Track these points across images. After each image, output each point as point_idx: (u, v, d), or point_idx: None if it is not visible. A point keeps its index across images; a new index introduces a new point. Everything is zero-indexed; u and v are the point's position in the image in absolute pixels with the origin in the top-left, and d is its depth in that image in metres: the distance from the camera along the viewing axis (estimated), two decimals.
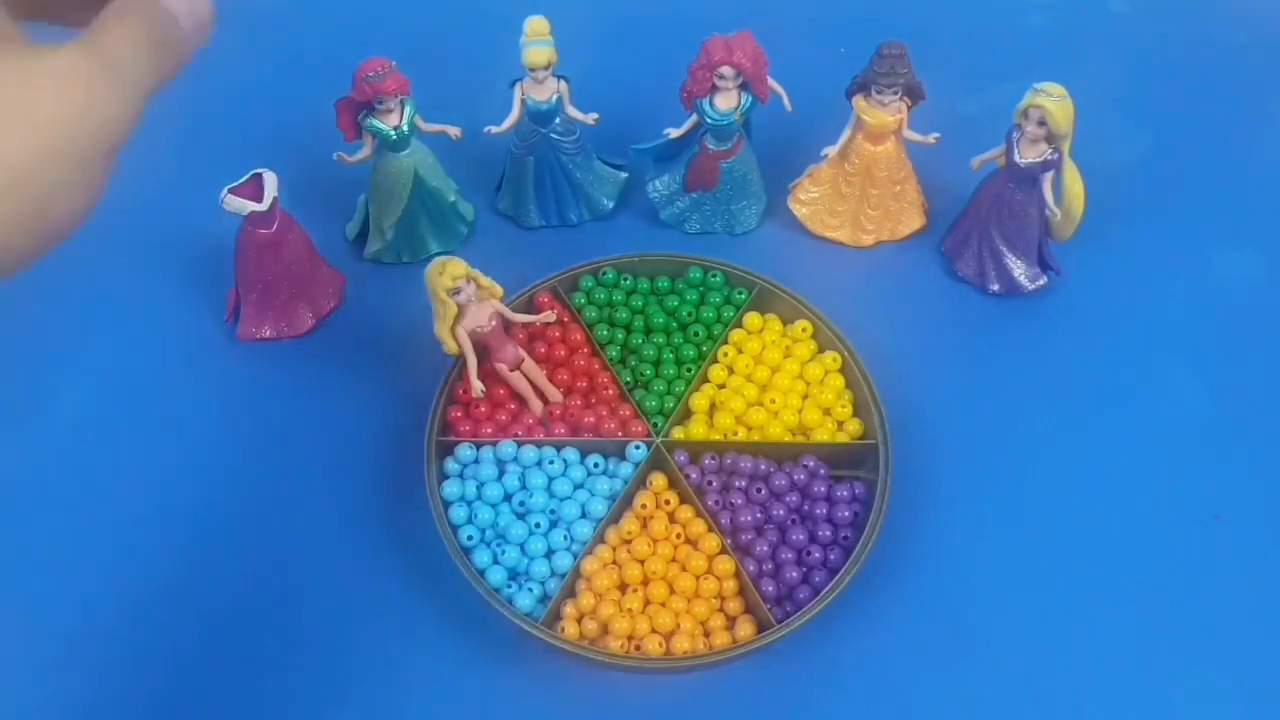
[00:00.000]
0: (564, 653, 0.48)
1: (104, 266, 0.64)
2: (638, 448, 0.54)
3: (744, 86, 0.58)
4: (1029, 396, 0.58)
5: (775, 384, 0.57)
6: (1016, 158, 0.57)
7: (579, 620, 0.50)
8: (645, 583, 0.51)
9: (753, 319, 0.59)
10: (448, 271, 0.51)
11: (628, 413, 0.56)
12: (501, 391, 0.56)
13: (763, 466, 0.54)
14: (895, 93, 0.58)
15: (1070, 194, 0.58)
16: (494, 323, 0.54)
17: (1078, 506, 0.54)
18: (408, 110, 0.58)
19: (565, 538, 0.52)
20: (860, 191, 0.63)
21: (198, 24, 0.30)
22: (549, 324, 0.58)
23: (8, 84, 0.26)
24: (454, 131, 0.60)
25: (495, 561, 0.51)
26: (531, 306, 0.59)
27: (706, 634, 0.50)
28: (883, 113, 0.59)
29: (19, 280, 0.37)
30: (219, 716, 0.49)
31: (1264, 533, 0.54)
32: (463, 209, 0.64)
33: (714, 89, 0.58)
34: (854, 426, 0.55)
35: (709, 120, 0.59)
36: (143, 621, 0.49)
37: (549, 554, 0.52)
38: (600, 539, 0.52)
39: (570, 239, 0.66)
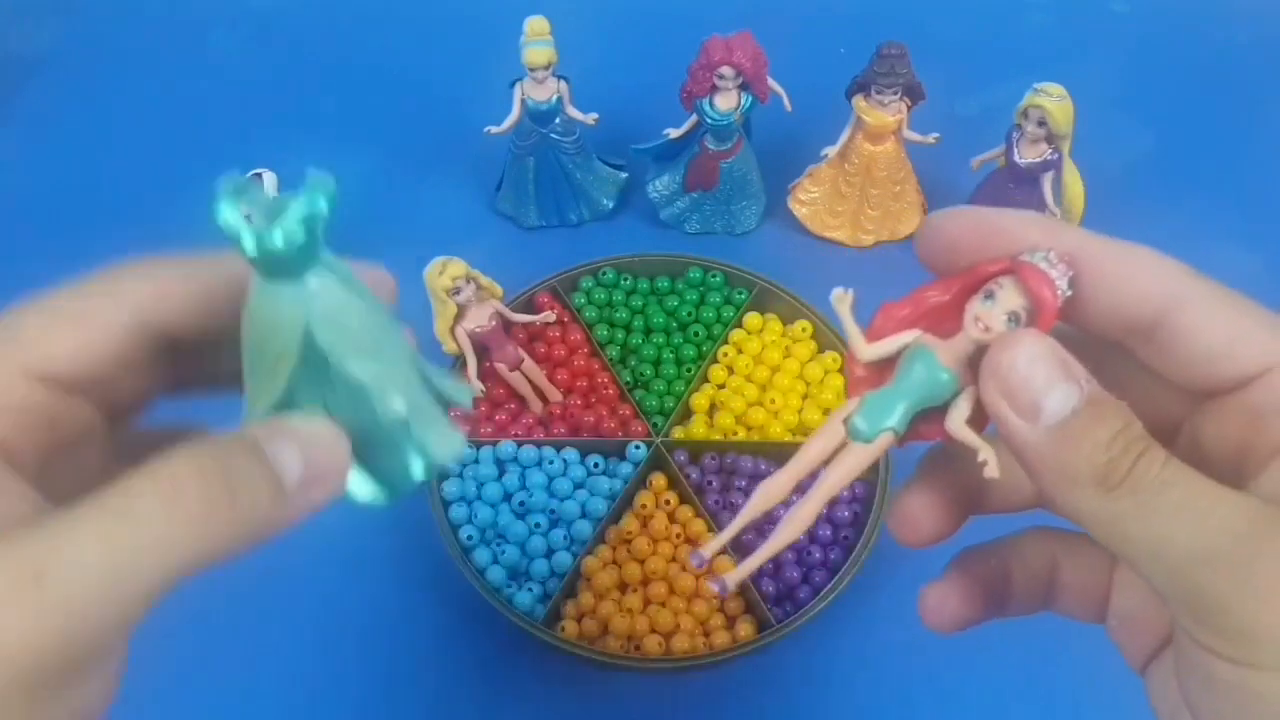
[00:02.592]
0: (564, 652, 0.48)
1: (103, 267, 0.64)
2: (637, 447, 0.54)
3: (744, 86, 0.58)
4: None
5: (775, 384, 0.57)
6: (1016, 158, 0.57)
7: (579, 619, 0.50)
8: (645, 582, 0.51)
9: (753, 319, 0.59)
10: (448, 271, 0.51)
11: (627, 412, 0.56)
12: (501, 391, 0.56)
13: (763, 466, 0.54)
14: (895, 93, 0.58)
15: (1070, 194, 0.58)
16: (494, 323, 0.54)
17: None
18: (294, 204, 0.22)
19: (565, 537, 0.52)
20: (860, 191, 0.63)
21: (317, 478, 0.23)
22: (549, 324, 0.58)
23: None
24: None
25: (495, 561, 0.51)
26: (531, 306, 0.59)
27: (706, 633, 0.50)
28: (883, 113, 0.59)
29: (17, 282, 0.37)
30: (215, 714, 0.49)
31: None
32: (418, 426, 0.27)
33: (714, 89, 0.58)
34: None
35: (709, 120, 0.59)
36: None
37: (549, 553, 0.52)
38: (600, 538, 0.52)
39: (570, 239, 0.66)
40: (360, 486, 0.27)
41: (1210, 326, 0.21)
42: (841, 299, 0.25)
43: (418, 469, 0.26)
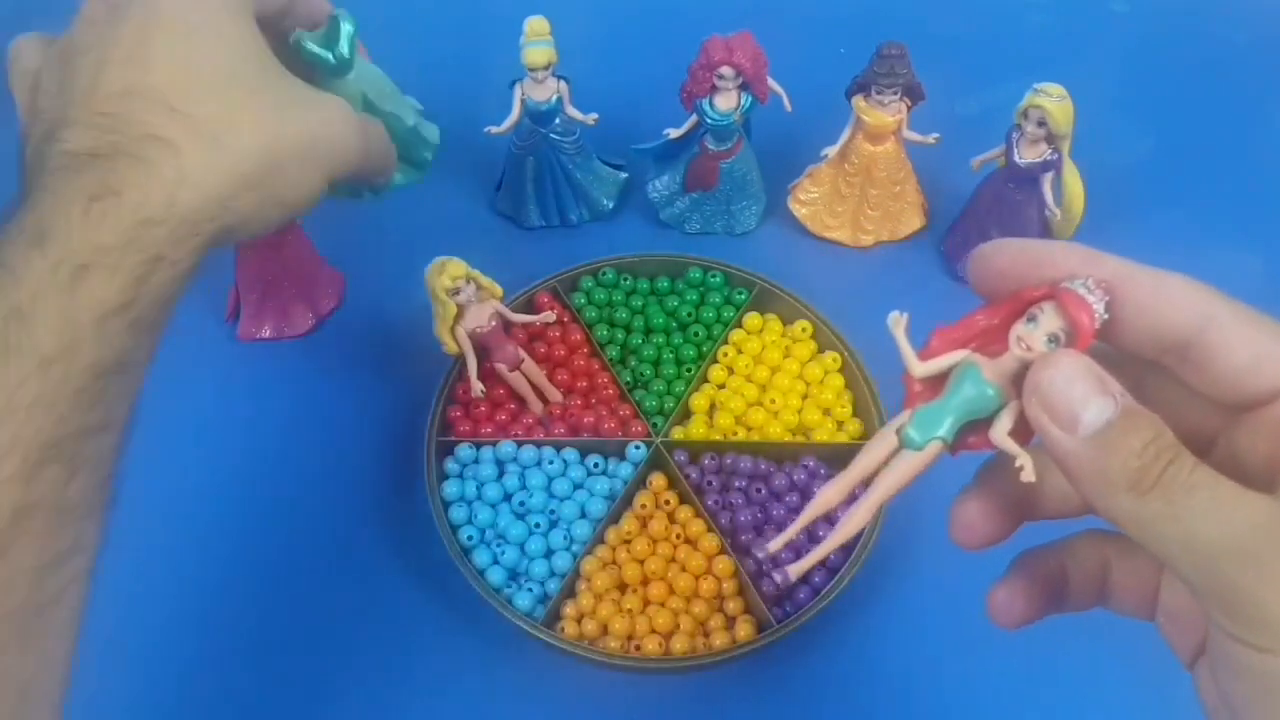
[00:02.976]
0: (563, 652, 0.48)
1: None
2: (637, 448, 0.54)
3: (744, 87, 0.58)
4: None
5: (775, 384, 0.57)
6: (1016, 158, 0.57)
7: (578, 620, 0.50)
8: (644, 582, 0.51)
9: (752, 319, 0.59)
10: (447, 271, 0.51)
11: (627, 413, 0.56)
12: (501, 391, 0.56)
13: (762, 466, 0.54)
14: (895, 93, 0.58)
15: (1070, 194, 0.58)
16: (494, 323, 0.54)
17: None
18: (344, 29, 0.46)
19: (565, 538, 0.52)
20: (860, 192, 0.63)
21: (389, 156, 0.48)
22: (549, 324, 0.58)
23: (323, 103, 0.41)
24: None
25: (495, 561, 0.51)
26: (531, 306, 0.59)
27: (706, 634, 0.50)
28: (882, 113, 0.59)
29: None
30: (215, 714, 0.49)
31: None
32: (426, 131, 0.53)
33: (714, 89, 0.58)
34: (854, 427, 0.55)
35: (709, 120, 0.59)
36: (134, 621, 0.49)
37: (548, 554, 0.52)
38: (600, 539, 0.52)
39: (570, 239, 0.66)
40: (399, 175, 0.51)
41: (1238, 346, 0.23)
42: (897, 322, 0.27)
43: (428, 154, 0.53)
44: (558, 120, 0.61)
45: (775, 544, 0.31)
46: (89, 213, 0.32)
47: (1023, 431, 0.26)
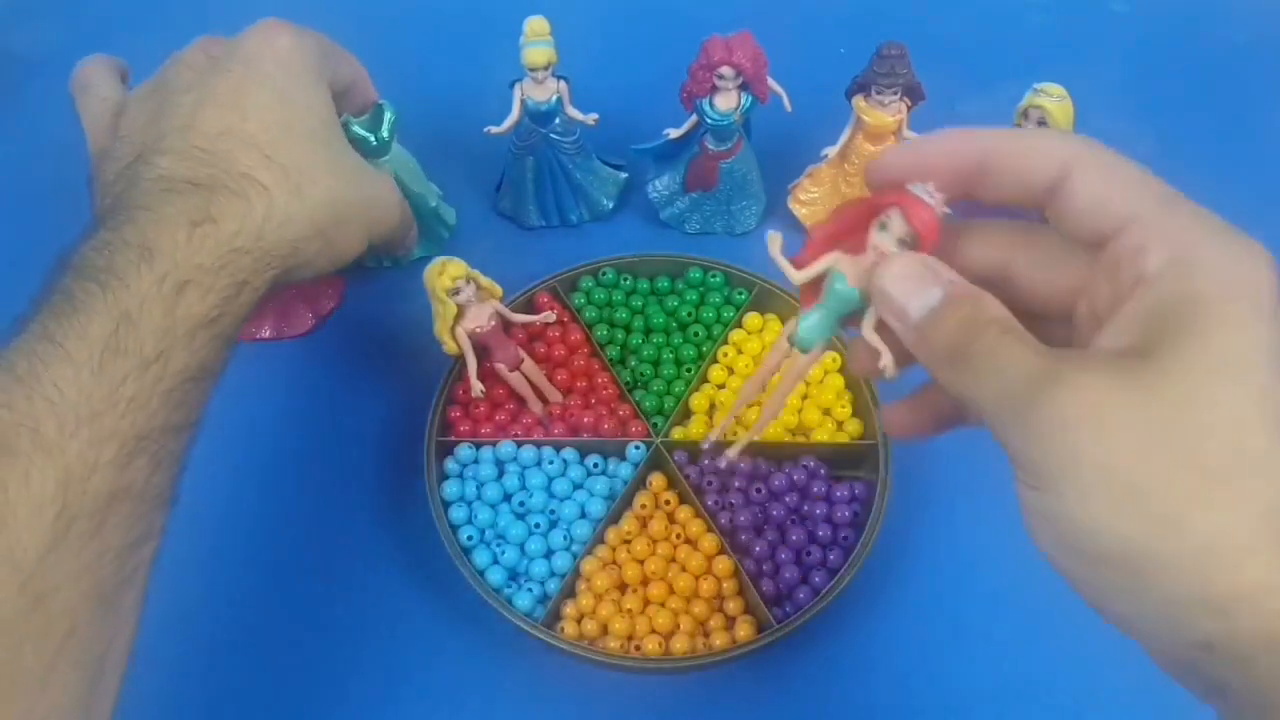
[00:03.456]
0: (563, 653, 0.48)
1: None
2: (637, 448, 0.54)
3: (744, 87, 0.58)
4: None
5: (775, 384, 0.56)
6: None
7: (578, 620, 0.50)
8: (644, 583, 0.51)
9: (753, 319, 0.59)
10: (447, 271, 0.51)
11: (627, 413, 0.56)
12: (501, 391, 0.56)
13: (762, 466, 0.54)
14: (895, 93, 0.58)
15: None
16: (494, 323, 0.54)
17: None
18: (388, 116, 0.56)
19: (565, 538, 0.52)
20: (860, 192, 0.63)
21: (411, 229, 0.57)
22: (548, 324, 0.58)
23: (378, 174, 0.50)
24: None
25: (495, 561, 0.51)
26: (531, 306, 0.59)
27: (706, 634, 0.50)
28: (883, 113, 0.59)
29: (20, 280, 0.37)
30: (214, 714, 0.50)
31: None
32: (444, 213, 0.64)
33: (714, 89, 0.58)
34: (854, 426, 0.55)
35: (709, 120, 0.59)
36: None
37: (548, 554, 0.52)
38: (599, 539, 0.52)
39: (570, 239, 0.66)
40: (418, 248, 0.62)
41: (1087, 185, 0.27)
42: (773, 240, 0.32)
43: (443, 234, 0.64)
44: (558, 120, 0.61)
45: (713, 435, 0.41)
46: (191, 236, 0.38)
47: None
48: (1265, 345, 0.24)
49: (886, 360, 0.30)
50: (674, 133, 0.62)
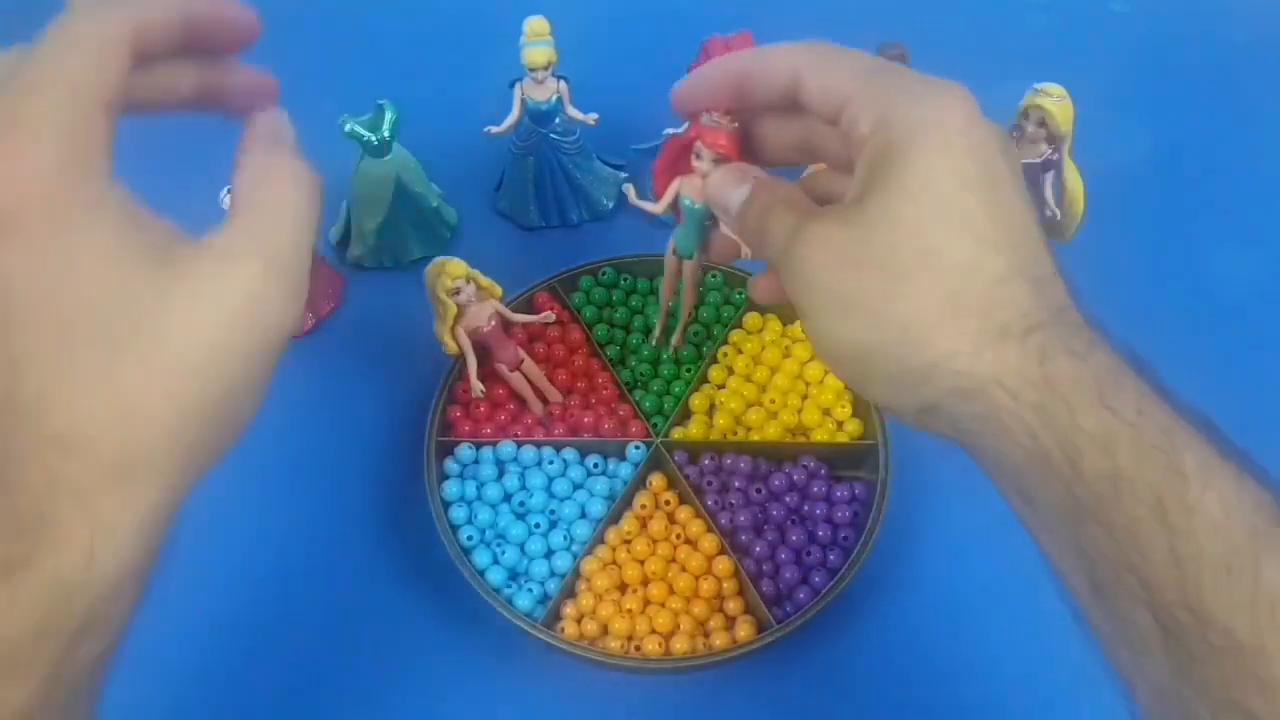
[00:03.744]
0: (563, 653, 0.48)
1: None
2: (637, 448, 0.54)
3: None
4: None
5: (774, 384, 0.57)
6: None
7: (578, 620, 0.50)
8: (644, 583, 0.51)
9: (752, 319, 0.59)
10: (447, 271, 0.51)
11: (626, 413, 0.56)
12: (501, 391, 0.56)
13: (762, 466, 0.54)
14: None
15: (1070, 194, 0.58)
16: (494, 323, 0.54)
17: None
18: (388, 116, 0.57)
19: (565, 538, 0.52)
20: None
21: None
22: (548, 324, 0.58)
23: (177, 275, 0.25)
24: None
25: (495, 561, 0.51)
26: (531, 306, 0.59)
27: (706, 634, 0.50)
28: None
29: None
30: (215, 714, 0.50)
31: None
32: (445, 214, 0.64)
33: None
34: (853, 426, 0.55)
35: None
36: (135, 624, 0.49)
37: (549, 554, 0.52)
38: (600, 539, 0.52)
39: (570, 239, 0.66)
40: (418, 248, 0.63)
41: (813, 80, 0.33)
42: (629, 189, 0.49)
43: (444, 234, 0.64)
44: (558, 120, 0.61)
45: (655, 336, 0.53)
46: None
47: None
48: (947, 166, 0.29)
49: (745, 248, 0.38)
50: (674, 133, 0.62)
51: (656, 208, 0.42)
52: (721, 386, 0.57)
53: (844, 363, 0.32)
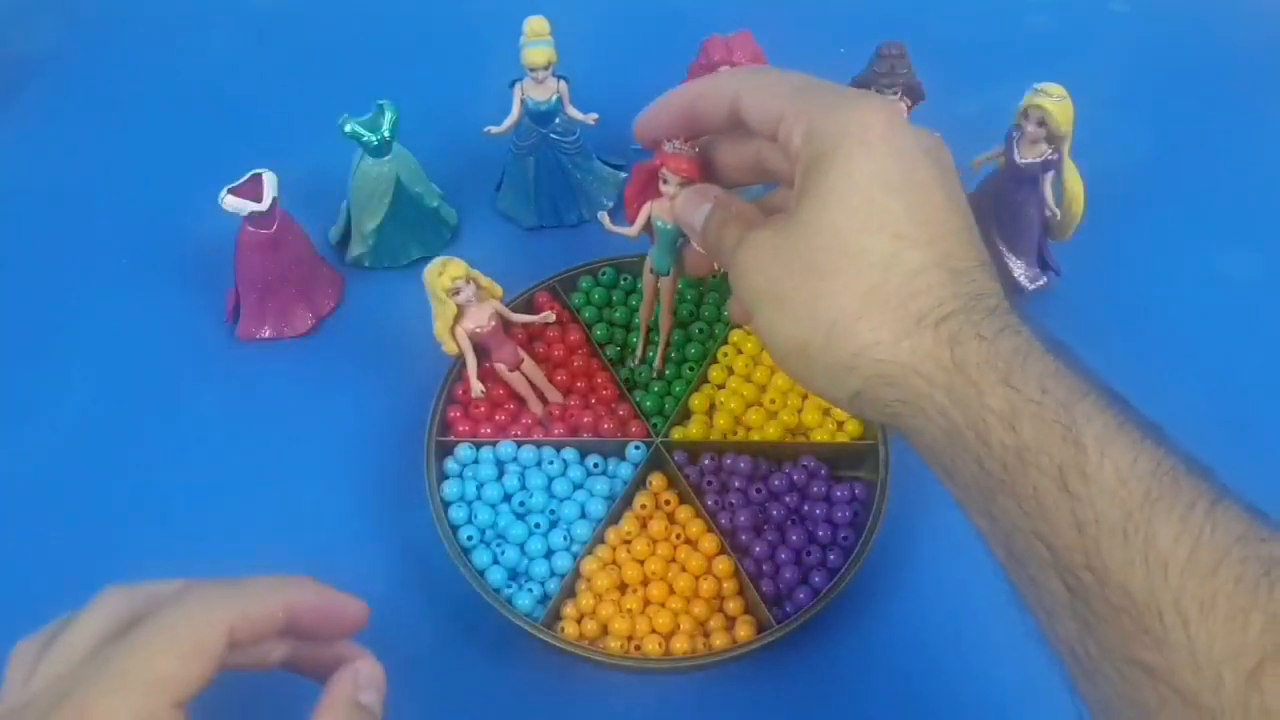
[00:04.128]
0: (563, 653, 0.48)
1: (104, 267, 0.64)
2: (637, 448, 0.54)
3: None
4: None
5: (774, 384, 0.57)
6: (1016, 158, 0.57)
7: (578, 620, 0.50)
8: (644, 583, 0.51)
9: None
10: (447, 271, 0.51)
11: (626, 413, 0.56)
12: (501, 391, 0.56)
13: (761, 466, 0.54)
14: (895, 93, 0.58)
15: (1070, 194, 0.57)
16: (493, 323, 0.54)
17: None
18: (388, 116, 0.57)
19: (565, 538, 0.52)
20: None
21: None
22: (548, 324, 0.58)
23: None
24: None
25: (495, 561, 0.51)
26: (531, 306, 0.59)
27: (706, 634, 0.50)
28: None
29: (18, 282, 0.37)
30: (213, 715, 0.49)
31: None
32: (445, 214, 0.64)
33: None
34: (853, 426, 0.55)
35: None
36: None
37: (548, 554, 0.52)
38: (600, 539, 0.52)
39: (570, 239, 0.66)
40: (417, 249, 0.63)
41: (750, 102, 0.36)
42: (604, 217, 0.51)
43: (444, 234, 0.64)
44: (558, 120, 0.61)
45: (637, 356, 0.57)
46: None
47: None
48: (869, 170, 0.32)
49: (718, 265, 0.41)
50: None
51: (631, 231, 0.47)
52: (721, 386, 0.57)
53: (786, 358, 0.34)
